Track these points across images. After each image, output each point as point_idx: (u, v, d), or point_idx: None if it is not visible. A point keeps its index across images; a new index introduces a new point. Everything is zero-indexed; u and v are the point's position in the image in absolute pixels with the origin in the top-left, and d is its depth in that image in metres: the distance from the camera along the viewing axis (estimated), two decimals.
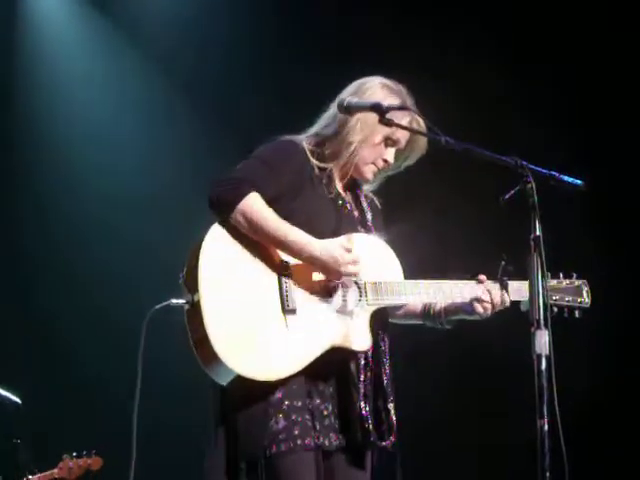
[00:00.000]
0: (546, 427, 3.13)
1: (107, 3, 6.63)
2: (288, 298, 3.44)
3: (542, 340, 3.16)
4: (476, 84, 5.93)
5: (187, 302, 3.40)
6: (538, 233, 3.25)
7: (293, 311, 3.45)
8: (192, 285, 3.39)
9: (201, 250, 3.40)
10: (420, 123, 3.60)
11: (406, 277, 3.70)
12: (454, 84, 5.94)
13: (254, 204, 3.42)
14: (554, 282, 3.85)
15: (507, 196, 3.33)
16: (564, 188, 3.37)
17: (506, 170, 3.28)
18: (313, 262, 3.47)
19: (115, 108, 6.57)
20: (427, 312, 3.79)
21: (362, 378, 3.53)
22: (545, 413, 3.13)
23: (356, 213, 3.72)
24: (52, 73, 6.61)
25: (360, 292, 3.55)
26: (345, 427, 3.52)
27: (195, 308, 3.37)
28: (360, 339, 3.52)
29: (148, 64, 6.51)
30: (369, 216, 3.74)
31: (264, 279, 3.46)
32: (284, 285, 3.45)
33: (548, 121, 5.90)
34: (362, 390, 3.51)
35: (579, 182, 3.41)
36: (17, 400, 4.93)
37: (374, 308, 3.57)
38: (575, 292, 3.89)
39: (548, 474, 3.12)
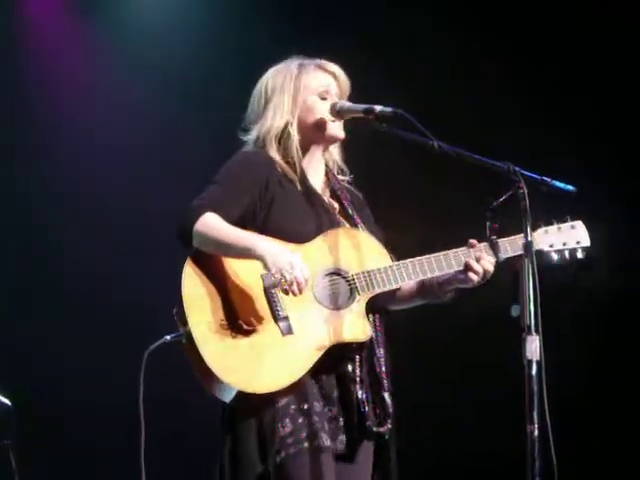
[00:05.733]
0: (536, 433, 3.13)
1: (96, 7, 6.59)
2: (278, 306, 3.46)
3: (533, 345, 3.17)
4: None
5: (181, 335, 3.48)
6: (529, 239, 3.26)
7: (285, 318, 3.46)
8: (182, 317, 3.46)
9: (182, 281, 3.47)
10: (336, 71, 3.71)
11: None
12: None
13: (208, 222, 3.47)
14: (547, 229, 3.73)
15: (499, 201, 3.34)
16: (556, 194, 3.38)
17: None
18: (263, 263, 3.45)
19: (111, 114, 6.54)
20: (423, 289, 3.72)
21: (358, 367, 3.54)
22: (535, 419, 3.13)
23: (336, 205, 3.72)
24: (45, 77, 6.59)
25: (350, 284, 3.55)
26: (348, 424, 3.53)
27: (189, 339, 3.44)
28: (359, 329, 3.52)
29: (141, 68, 6.49)
30: (349, 207, 3.73)
31: (250, 293, 3.49)
32: (271, 296, 3.46)
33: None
34: (358, 378, 3.53)
35: (571, 188, 3.41)
36: (7, 402, 4.90)
37: (367, 297, 3.56)
38: (572, 234, 3.76)
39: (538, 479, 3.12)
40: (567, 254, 3.73)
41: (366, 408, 3.52)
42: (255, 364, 3.43)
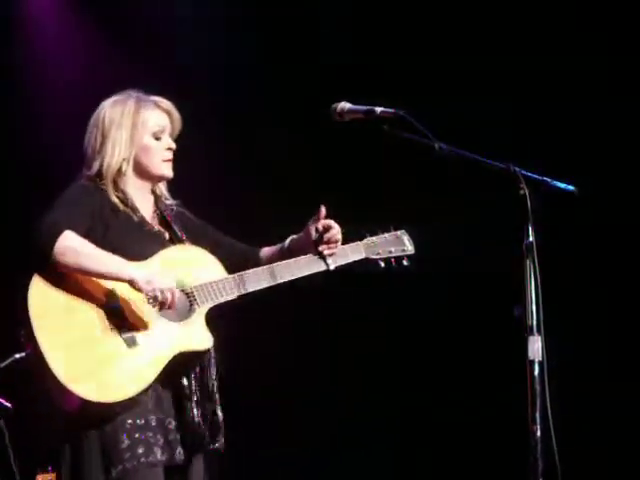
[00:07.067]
0: (539, 433, 3.13)
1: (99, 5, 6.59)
2: (122, 321, 3.59)
3: (535, 346, 3.18)
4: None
5: (30, 352, 3.56)
6: (531, 239, 3.26)
7: (129, 330, 3.59)
8: (29, 334, 3.52)
9: (28, 299, 3.53)
10: (166, 104, 3.86)
11: None
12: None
13: (71, 240, 3.54)
14: (374, 238, 4.00)
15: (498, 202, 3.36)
16: (556, 194, 3.38)
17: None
18: (132, 285, 3.59)
19: None
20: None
21: (193, 386, 3.69)
22: (538, 419, 3.13)
23: (167, 234, 3.84)
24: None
25: (189, 298, 3.70)
26: (184, 437, 3.67)
27: (37, 355, 3.51)
28: (200, 340, 3.68)
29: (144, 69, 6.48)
30: (178, 230, 3.86)
31: (95, 309, 3.59)
32: (115, 309, 3.59)
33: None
34: (194, 397, 3.68)
35: (571, 188, 3.41)
36: (8, 405, 4.91)
37: (207, 309, 3.71)
38: (397, 242, 4.03)
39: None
40: (393, 261, 4.00)
41: (201, 425, 3.68)
42: (102, 375, 3.53)
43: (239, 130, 6.34)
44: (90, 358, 3.53)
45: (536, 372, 3.16)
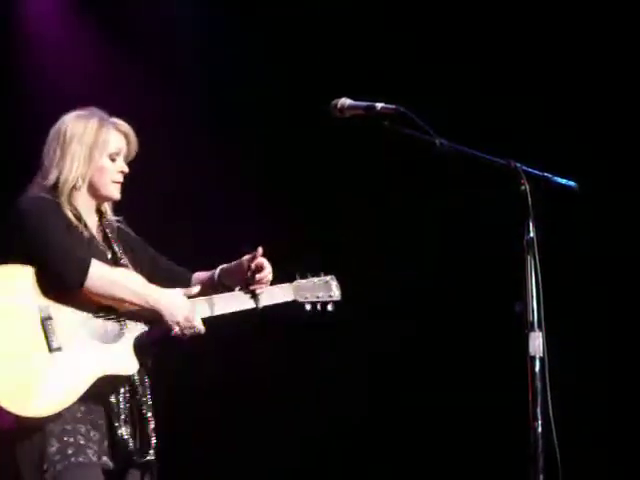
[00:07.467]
0: (540, 429, 3.13)
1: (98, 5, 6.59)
2: (52, 338, 3.64)
3: (536, 342, 3.18)
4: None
5: None
6: (532, 235, 3.26)
7: (59, 349, 3.64)
8: None
9: None
10: (124, 126, 3.89)
11: None
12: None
13: (101, 270, 3.68)
14: (303, 282, 4.05)
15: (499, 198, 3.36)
16: (557, 190, 3.38)
17: None
18: (161, 311, 3.75)
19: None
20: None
21: (122, 405, 3.76)
22: (538, 415, 3.13)
23: (109, 253, 3.90)
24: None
25: (120, 322, 3.76)
26: (111, 452, 3.73)
27: None
28: (126, 364, 3.74)
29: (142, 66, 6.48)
30: (118, 250, 3.92)
31: (26, 324, 3.64)
32: (47, 327, 3.64)
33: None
34: (122, 416, 3.74)
35: (572, 184, 3.41)
36: None
37: (136, 334, 3.77)
38: (325, 288, 4.08)
39: (542, 476, 3.13)
40: (319, 306, 4.05)
41: (130, 444, 3.74)
42: (29, 390, 3.59)
43: (238, 130, 6.35)
44: (19, 374, 3.59)
45: (537, 368, 3.17)
